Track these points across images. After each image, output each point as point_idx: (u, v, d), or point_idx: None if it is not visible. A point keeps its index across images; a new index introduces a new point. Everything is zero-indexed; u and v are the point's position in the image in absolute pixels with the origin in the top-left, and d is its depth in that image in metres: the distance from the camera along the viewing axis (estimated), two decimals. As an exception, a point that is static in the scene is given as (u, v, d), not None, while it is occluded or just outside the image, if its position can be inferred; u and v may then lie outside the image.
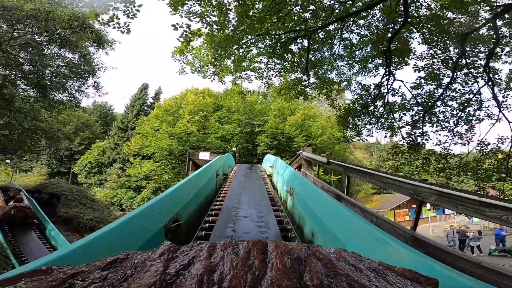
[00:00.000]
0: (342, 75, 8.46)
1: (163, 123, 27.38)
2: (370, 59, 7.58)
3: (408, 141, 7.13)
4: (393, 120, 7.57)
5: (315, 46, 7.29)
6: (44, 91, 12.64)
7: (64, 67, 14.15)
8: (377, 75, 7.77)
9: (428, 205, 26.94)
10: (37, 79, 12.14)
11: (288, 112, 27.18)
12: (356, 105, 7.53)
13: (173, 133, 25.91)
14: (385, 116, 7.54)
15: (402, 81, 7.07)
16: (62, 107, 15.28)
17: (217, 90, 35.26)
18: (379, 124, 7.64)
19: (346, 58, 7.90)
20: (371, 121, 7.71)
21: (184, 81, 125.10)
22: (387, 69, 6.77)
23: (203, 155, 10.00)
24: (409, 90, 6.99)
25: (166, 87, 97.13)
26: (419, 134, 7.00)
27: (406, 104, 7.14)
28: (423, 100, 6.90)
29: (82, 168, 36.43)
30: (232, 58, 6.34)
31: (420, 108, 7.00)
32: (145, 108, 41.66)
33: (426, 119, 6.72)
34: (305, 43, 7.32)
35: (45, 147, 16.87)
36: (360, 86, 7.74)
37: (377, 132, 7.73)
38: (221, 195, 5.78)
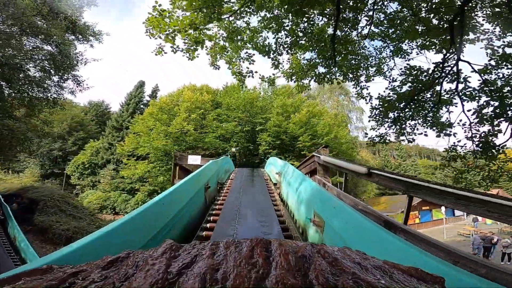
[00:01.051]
0: (372, 58, 6.48)
1: (157, 122, 25.60)
2: (424, 34, 5.52)
3: (479, 142, 5.22)
4: (444, 114, 5.63)
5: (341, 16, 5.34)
6: (10, 84, 10.81)
7: (37, 60, 12.27)
8: (438, 53, 5.71)
9: (442, 208, 25.30)
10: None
11: (292, 109, 25.53)
12: (402, 94, 5.52)
13: (169, 132, 24.15)
14: (434, 109, 5.60)
15: (468, 63, 5.08)
16: (45, 103, 13.52)
17: (216, 86, 33.58)
18: (428, 119, 5.68)
19: (383, 32, 5.89)
20: (415, 116, 5.77)
21: (183, 79, 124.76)
22: (451, 47, 4.83)
23: (193, 159, 8.10)
24: (479, 74, 4.95)
25: (164, 85, 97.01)
26: (492, 133, 5.08)
27: (471, 93, 5.16)
28: (498, 87, 4.91)
29: (75, 169, 35.03)
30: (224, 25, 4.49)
31: (487, 98, 5.06)
32: (141, 106, 40.23)
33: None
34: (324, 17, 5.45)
35: (16, 149, 15.04)
36: (405, 70, 5.72)
37: (433, 130, 5.72)
38: (208, 224, 3.95)
